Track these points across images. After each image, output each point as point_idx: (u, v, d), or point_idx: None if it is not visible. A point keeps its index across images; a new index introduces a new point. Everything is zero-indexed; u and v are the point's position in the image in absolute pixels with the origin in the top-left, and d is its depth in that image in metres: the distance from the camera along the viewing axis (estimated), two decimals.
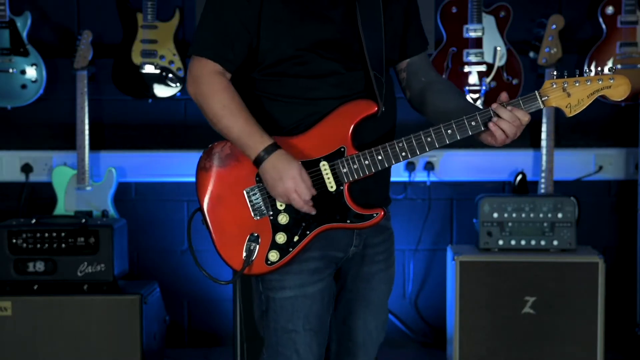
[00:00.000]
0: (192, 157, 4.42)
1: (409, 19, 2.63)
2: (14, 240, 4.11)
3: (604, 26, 4.47)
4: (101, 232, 4.10)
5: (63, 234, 4.11)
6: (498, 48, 4.45)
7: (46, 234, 4.11)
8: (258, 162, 2.43)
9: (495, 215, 4.22)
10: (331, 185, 2.46)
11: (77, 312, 4.05)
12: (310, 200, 2.44)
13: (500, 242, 4.22)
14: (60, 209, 4.47)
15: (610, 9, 4.46)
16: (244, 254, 2.48)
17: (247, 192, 2.48)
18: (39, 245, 4.11)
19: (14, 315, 4.04)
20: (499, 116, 2.42)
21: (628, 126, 4.59)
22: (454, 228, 4.73)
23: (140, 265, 4.73)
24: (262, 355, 2.62)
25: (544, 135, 4.42)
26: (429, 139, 2.44)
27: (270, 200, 2.47)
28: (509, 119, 2.41)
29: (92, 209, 4.47)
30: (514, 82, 4.49)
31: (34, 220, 4.17)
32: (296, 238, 2.47)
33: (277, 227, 2.48)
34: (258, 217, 2.48)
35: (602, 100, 4.49)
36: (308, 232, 2.47)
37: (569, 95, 2.45)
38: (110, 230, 4.11)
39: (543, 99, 2.44)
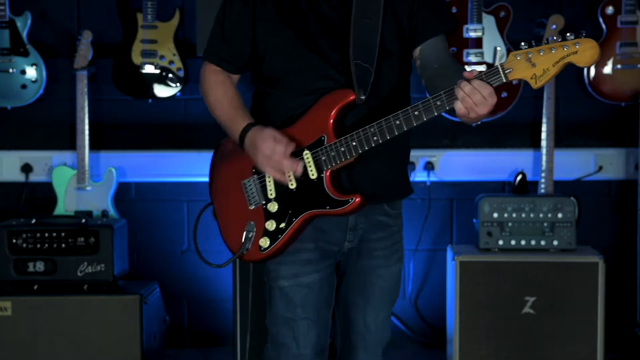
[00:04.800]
0: (192, 157, 4.40)
1: (419, 5, 2.59)
2: (14, 240, 4.11)
3: (604, 26, 4.46)
4: (101, 232, 4.10)
5: (63, 234, 4.11)
6: (498, 48, 4.45)
7: (46, 234, 4.11)
8: (242, 143, 2.58)
9: (495, 215, 4.22)
10: (312, 173, 2.54)
11: (77, 312, 4.05)
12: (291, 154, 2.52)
13: (500, 242, 4.22)
14: (60, 209, 4.46)
15: (610, 9, 4.45)
16: (242, 241, 2.62)
17: (245, 184, 2.63)
18: (39, 245, 4.11)
19: (14, 315, 4.04)
20: (469, 82, 2.35)
21: (628, 126, 4.58)
22: (454, 228, 4.73)
23: (140, 265, 4.73)
24: (266, 348, 2.71)
25: (544, 135, 4.42)
26: (397, 122, 2.45)
27: (262, 190, 2.60)
28: (469, 91, 2.34)
29: (92, 209, 4.46)
30: (514, 82, 4.47)
31: (34, 220, 4.17)
32: (282, 225, 2.58)
33: (268, 215, 2.60)
34: (253, 207, 2.62)
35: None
36: (294, 220, 2.57)
37: (534, 66, 2.33)
38: (110, 230, 4.11)
39: (506, 71, 2.35)
